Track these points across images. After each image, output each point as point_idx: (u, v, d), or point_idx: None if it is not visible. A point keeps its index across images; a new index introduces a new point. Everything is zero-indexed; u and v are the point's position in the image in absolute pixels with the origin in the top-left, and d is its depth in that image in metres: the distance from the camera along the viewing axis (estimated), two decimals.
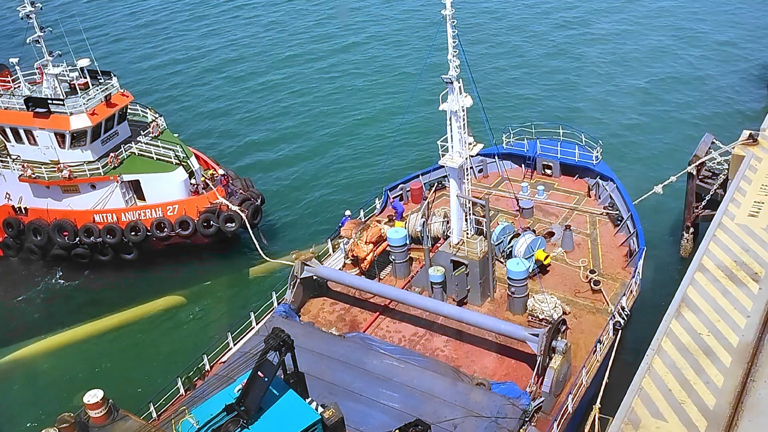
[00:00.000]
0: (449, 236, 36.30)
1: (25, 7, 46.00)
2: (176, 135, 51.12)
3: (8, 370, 42.41)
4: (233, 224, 46.45)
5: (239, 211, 46.26)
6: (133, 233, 46.98)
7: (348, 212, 41.31)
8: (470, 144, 34.16)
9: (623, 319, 33.23)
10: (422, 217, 38.71)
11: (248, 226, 46.40)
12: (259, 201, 48.10)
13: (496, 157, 45.85)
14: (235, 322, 36.30)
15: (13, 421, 38.31)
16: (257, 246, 46.15)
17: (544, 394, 29.56)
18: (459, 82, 32.28)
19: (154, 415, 30.35)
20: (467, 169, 34.56)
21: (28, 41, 46.17)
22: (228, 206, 46.47)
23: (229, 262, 48.91)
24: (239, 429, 23.62)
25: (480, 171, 46.11)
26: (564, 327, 31.52)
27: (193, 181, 47.62)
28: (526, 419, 28.66)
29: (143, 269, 48.98)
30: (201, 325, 43.88)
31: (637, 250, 36.89)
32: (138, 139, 49.01)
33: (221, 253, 49.08)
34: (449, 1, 30.96)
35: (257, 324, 35.60)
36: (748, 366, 26.60)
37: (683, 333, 28.57)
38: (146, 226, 46.89)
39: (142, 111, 52.02)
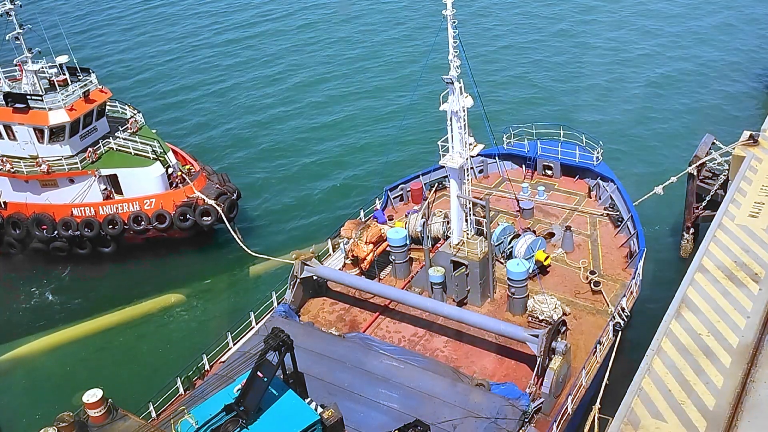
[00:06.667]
0: (449, 237, 36.29)
1: (4, 4, 46.54)
2: (154, 131, 51.71)
3: (7, 369, 42.44)
4: (209, 218, 47.02)
5: (215, 205, 46.78)
6: (110, 226, 47.49)
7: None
8: (471, 144, 34.16)
9: (623, 320, 33.21)
10: (422, 218, 38.70)
11: (225, 219, 47.04)
12: (235, 195, 48.69)
13: (496, 158, 45.82)
14: (234, 321, 36.28)
15: (12, 420, 38.30)
16: (238, 240, 46.75)
17: (544, 395, 29.55)
18: (460, 83, 32.28)
19: (154, 414, 30.35)
20: (467, 169, 34.57)
21: (7, 38, 46.67)
22: (204, 200, 47.05)
23: (229, 260, 48.94)
24: (238, 429, 23.64)
25: (480, 171, 46.11)
26: (564, 328, 31.54)
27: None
28: (526, 420, 28.66)
29: (143, 268, 49.15)
30: (200, 325, 43.90)
31: (637, 251, 36.86)
32: (116, 134, 49.66)
33: (199, 247, 49.61)
34: (450, 1, 30.96)
35: (257, 324, 35.61)
36: (748, 367, 26.58)
37: (683, 333, 28.56)
38: (123, 220, 47.38)
39: (121, 107, 52.65)
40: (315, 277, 36.98)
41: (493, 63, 71.44)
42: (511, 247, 37.41)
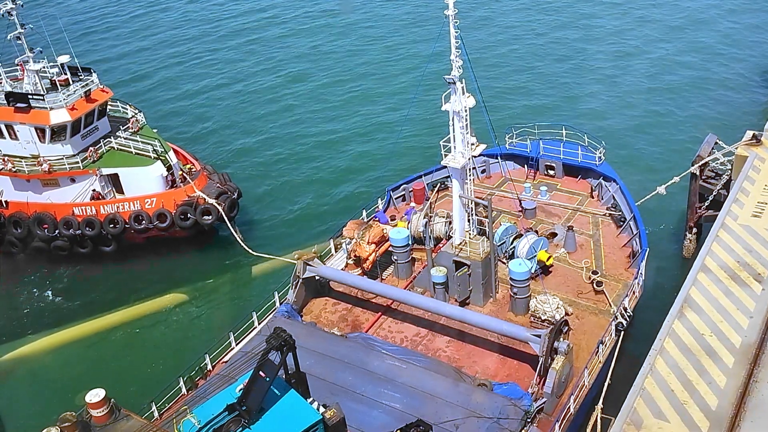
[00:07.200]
0: (452, 237, 36.28)
1: (6, 4, 46.90)
2: (155, 130, 52.01)
3: (9, 369, 42.52)
4: (210, 217, 47.18)
5: (216, 204, 46.90)
6: (111, 226, 47.68)
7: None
8: (473, 144, 34.14)
9: (626, 320, 33.16)
10: (425, 218, 38.70)
11: (225, 218, 47.19)
12: (235, 195, 48.84)
13: (498, 158, 45.79)
14: (236, 321, 36.32)
15: (14, 419, 38.35)
16: (239, 240, 46.88)
17: (546, 395, 29.52)
18: (461, 83, 32.27)
19: (156, 414, 30.39)
20: (470, 169, 34.60)
21: (9, 38, 46.95)
22: (205, 199, 47.19)
23: (231, 260, 49.02)
24: (240, 429, 23.62)
25: (483, 171, 46.12)
26: (566, 328, 31.53)
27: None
28: (528, 420, 28.63)
29: (144, 267, 49.26)
30: (203, 324, 43.97)
31: (639, 250, 36.83)
32: (117, 134, 49.97)
33: (200, 246, 49.80)
34: (452, 1, 30.94)
35: (259, 324, 35.64)
36: (751, 367, 26.54)
37: (686, 333, 28.51)
38: (124, 219, 47.56)
39: (122, 107, 52.91)
40: (317, 278, 36.99)
41: (495, 63, 71.39)
42: (514, 247, 37.38)
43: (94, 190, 48.29)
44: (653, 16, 79.05)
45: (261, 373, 23.61)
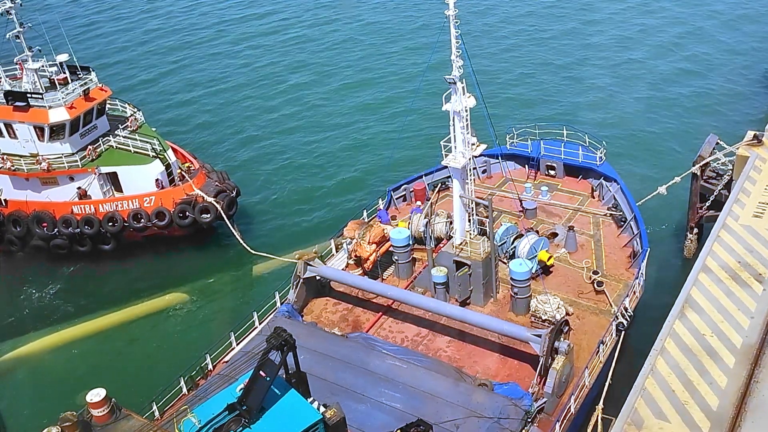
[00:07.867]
0: (452, 237, 36.27)
1: (5, 3, 47.02)
2: (154, 129, 52.09)
3: (10, 368, 42.54)
4: (208, 215, 47.24)
5: (215, 203, 46.94)
6: (110, 224, 47.81)
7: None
8: (473, 144, 34.12)
9: (626, 320, 33.12)
10: (425, 218, 38.70)
11: (224, 217, 47.28)
12: (234, 193, 48.88)
13: (499, 158, 45.76)
14: (237, 321, 36.32)
15: (15, 419, 38.36)
16: (239, 239, 46.97)
17: (547, 395, 29.52)
18: (462, 83, 32.25)
19: (157, 414, 30.37)
20: (470, 169, 34.59)
21: (8, 37, 47.09)
22: (204, 198, 47.21)
23: (231, 259, 49.06)
24: (241, 428, 23.62)
25: (483, 171, 46.11)
26: (567, 328, 31.50)
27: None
28: (529, 420, 28.61)
29: (144, 266, 49.28)
30: (203, 324, 43.93)
31: (640, 251, 36.80)
32: (116, 132, 50.10)
33: (199, 245, 49.88)
34: (452, 1, 30.93)
35: (260, 324, 35.64)
36: (752, 367, 26.52)
37: (687, 334, 28.51)
38: (123, 217, 47.67)
39: (120, 106, 53.06)
40: (318, 277, 36.99)
41: (496, 63, 71.42)
42: (514, 247, 37.37)
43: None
44: (655, 18, 79.02)
45: (261, 372, 23.61)
